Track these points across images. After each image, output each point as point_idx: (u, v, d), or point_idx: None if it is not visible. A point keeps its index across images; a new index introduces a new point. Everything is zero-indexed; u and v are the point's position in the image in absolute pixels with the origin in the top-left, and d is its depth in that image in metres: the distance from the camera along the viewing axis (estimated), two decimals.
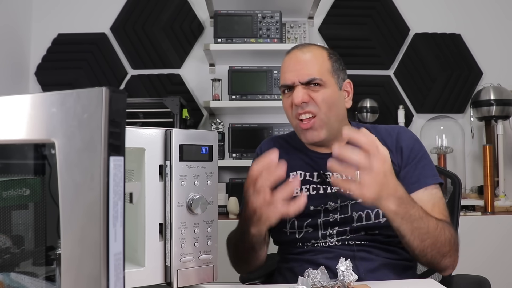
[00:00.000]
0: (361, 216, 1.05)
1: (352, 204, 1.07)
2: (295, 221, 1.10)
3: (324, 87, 1.08)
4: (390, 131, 1.14)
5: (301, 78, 1.07)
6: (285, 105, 1.13)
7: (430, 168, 1.09)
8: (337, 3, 2.61)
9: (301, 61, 1.09)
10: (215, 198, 0.84)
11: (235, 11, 2.25)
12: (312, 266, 0.84)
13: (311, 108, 1.07)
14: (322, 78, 1.07)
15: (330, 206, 1.08)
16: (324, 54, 1.11)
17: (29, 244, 0.58)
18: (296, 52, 1.12)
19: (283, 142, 1.23)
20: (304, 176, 1.13)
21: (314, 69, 1.08)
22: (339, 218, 1.06)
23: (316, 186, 1.11)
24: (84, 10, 2.58)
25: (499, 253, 2.07)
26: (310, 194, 1.11)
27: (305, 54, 1.10)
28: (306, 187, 1.12)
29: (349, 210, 1.06)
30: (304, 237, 1.09)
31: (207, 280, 0.82)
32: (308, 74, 1.07)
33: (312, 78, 1.07)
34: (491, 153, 2.23)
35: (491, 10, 2.64)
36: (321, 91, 1.07)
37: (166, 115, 2.18)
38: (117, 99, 0.41)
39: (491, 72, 2.58)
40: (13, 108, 0.47)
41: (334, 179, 0.89)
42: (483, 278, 1.05)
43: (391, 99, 2.56)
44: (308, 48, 1.12)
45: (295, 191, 1.10)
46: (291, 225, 1.10)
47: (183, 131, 0.81)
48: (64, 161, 0.42)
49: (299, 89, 1.07)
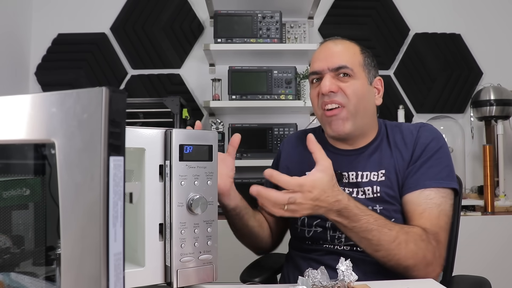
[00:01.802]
0: None
1: None
2: (306, 218, 1.10)
3: (354, 78, 1.06)
4: (412, 129, 1.11)
5: (331, 64, 1.06)
6: (312, 95, 1.11)
7: (438, 170, 1.03)
8: (337, 3, 2.61)
9: (332, 51, 1.09)
10: (215, 198, 0.84)
11: (235, 11, 2.25)
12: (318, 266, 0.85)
13: (339, 98, 1.05)
14: (353, 69, 1.06)
15: None
16: (356, 48, 1.11)
17: (29, 244, 0.58)
18: (328, 43, 1.13)
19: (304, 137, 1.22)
20: None
21: (345, 58, 1.07)
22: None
23: None
24: (84, 10, 2.58)
25: (499, 253, 2.07)
26: None
27: (337, 45, 1.10)
28: None
29: None
30: (313, 237, 1.09)
31: (207, 280, 0.82)
32: (339, 62, 1.05)
33: (343, 65, 1.05)
34: (491, 153, 2.23)
35: (491, 10, 2.64)
36: (350, 82, 1.05)
37: (166, 115, 2.18)
38: (117, 99, 0.41)
39: (491, 72, 2.58)
40: (13, 108, 0.47)
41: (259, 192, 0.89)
42: (484, 278, 1.05)
43: (391, 99, 2.56)
44: (340, 41, 1.12)
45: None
46: (301, 221, 1.12)
47: (183, 131, 0.81)
48: (64, 161, 0.42)
49: (327, 78, 1.05)
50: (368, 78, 1.10)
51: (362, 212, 0.92)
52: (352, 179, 1.09)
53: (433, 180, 1.01)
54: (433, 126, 1.12)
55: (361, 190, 1.07)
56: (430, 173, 1.02)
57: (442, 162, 1.04)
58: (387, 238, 0.92)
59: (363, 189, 1.07)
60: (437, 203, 1.00)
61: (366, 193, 1.07)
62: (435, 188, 1.01)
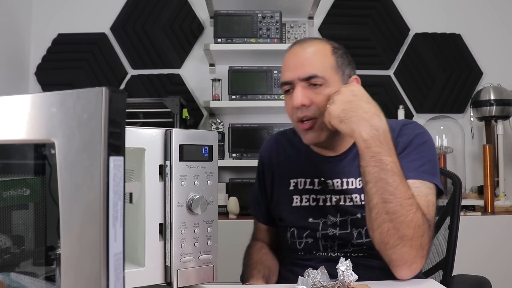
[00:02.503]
0: (361, 234, 1.01)
1: (351, 219, 1.02)
2: (295, 230, 1.08)
3: (327, 86, 0.99)
4: (394, 127, 1.04)
5: (301, 74, 0.99)
6: (287, 106, 1.06)
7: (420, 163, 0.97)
8: (337, 3, 2.61)
9: (301, 57, 1.01)
10: (215, 198, 0.84)
11: (235, 11, 2.25)
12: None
13: (312, 112, 1.00)
14: (324, 76, 0.99)
15: (330, 220, 1.04)
16: (327, 48, 1.03)
17: (29, 244, 0.58)
18: (296, 47, 1.04)
19: (285, 141, 1.20)
20: (304, 184, 1.10)
21: (315, 65, 0.99)
22: (338, 233, 1.03)
23: (316, 197, 1.08)
24: (84, 10, 2.58)
25: (499, 253, 2.07)
26: (310, 205, 1.08)
27: (306, 50, 1.02)
28: (306, 197, 1.09)
29: (348, 226, 1.02)
30: (305, 248, 1.07)
31: (207, 280, 0.82)
32: (309, 71, 0.99)
33: (313, 74, 0.98)
34: (491, 153, 2.23)
35: (491, 10, 2.64)
36: (322, 91, 0.99)
37: (166, 115, 2.18)
38: (117, 99, 0.41)
39: (491, 72, 2.58)
40: (13, 108, 0.47)
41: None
42: (484, 278, 1.05)
43: (391, 99, 2.56)
44: (309, 43, 1.04)
45: (295, 199, 1.09)
46: (291, 234, 1.09)
47: (183, 131, 0.81)
48: (64, 161, 0.42)
49: (298, 89, 0.99)
50: (343, 80, 1.02)
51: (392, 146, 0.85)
52: (337, 187, 1.05)
53: (414, 172, 0.94)
54: (418, 123, 1.07)
55: (348, 197, 1.04)
56: (411, 166, 0.95)
57: (425, 156, 0.98)
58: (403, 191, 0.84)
59: (351, 196, 1.03)
60: (424, 193, 0.93)
61: (353, 200, 1.03)
62: (418, 180, 0.94)
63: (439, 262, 1.17)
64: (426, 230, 0.86)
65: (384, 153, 0.85)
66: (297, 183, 1.11)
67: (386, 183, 0.84)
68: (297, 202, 1.09)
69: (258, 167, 1.23)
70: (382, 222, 0.85)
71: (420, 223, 0.85)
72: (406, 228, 0.83)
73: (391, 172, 0.84)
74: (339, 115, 0.88)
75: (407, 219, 0.83)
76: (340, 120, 0.88)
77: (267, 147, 1.22)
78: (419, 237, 0.85)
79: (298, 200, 1.09)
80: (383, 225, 0.84)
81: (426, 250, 0.87)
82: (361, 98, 0.88)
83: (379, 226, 0.85)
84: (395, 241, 0.84)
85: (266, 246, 1.19)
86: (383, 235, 0.85)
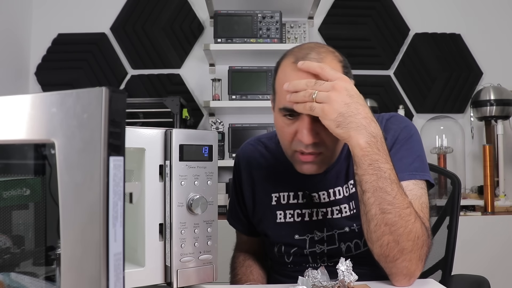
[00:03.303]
0: (350, 247, 0.98)
1: (338, 234, 0.98)
2: (282, 246, 1.03)
3: None
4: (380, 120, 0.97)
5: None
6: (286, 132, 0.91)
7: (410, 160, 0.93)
8: (337, 3, 2.61)
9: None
10: (215, 198, 0.84)
11: (235, 11, 2.25)
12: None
13: (318, 148, 0.89)
14: None
15: (316, 236, 1.00)
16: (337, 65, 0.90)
17: (29, 244, 0.58)
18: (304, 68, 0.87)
19: (263, 149, 1.10)
20: (288, 198, 1.03)
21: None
22: (326, 249, 0.99)
23: (301, 212, 1.01)
24: (84, 10, 2.58)
25: (499, 253, 2.07)
26: (294, 221, 1.02)
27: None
28: (290, 213, 1.02)
29: (336, 241, 0.98)
30: (294, 261, 1.03)
31: (207, 280, 0.82)
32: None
33: None
34: (491, 153, 2.23)
35: (491, 10, 2.64)
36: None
37: (166, 115, 2.19)
38: (117, 99, 0.41)
39: (491, 72, 2.58)
40: (13, 108, 0.47)
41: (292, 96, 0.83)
42: (483, 278, 1.05)
43: (391, 99, 2.56)
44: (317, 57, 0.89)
45: (278, 215, 1.03)
46: (278, 249, 1.04)
47: (183, 131, 0.81)
48: (64, 161, 0.42)
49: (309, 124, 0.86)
50: None
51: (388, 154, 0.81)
52: (324, 199, 1.00)
53: (406, 172, 0.90)
54: (401, 115, 1.03)
55: (336, 209, 0.99)
56: (402, 165, 0.90)
57: (414, 152, 0.94)
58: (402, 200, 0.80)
59: (339, 208, 0.98)
60: (417, 195, 0.90)
61: (342, 211, 0.98)
62: (410, 180, 0.91)
63: (438, 262, 1.17)
64: (425, 241, 0.83)
65: (382, 160, 0.80)
66: (279, 197, 1.04)
67: (384, 192, 0.79)
68: (281, 218, 1.03)
69: (234, 179, 1.14)
70: (382, 234, 0.81)
71: (419, 233, 0.82)
72: (406, 241, 0.80)
73: (389, 180, 0.80)
74: (336, 119, 0.79)
75: (406, 230, 0.80)
76: (337, 124, 0.80)
77: (244, 159, 1.11)
78: (418, 249, 0.82)
79: (282, 216, 1.03)
80: (383, 238, 0.81)
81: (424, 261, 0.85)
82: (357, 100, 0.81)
83: (379, 238, 0.81)
84: (395, 254, 0.81)
85: (250, 257, 1.15)
86: (383, 248, 0.82)
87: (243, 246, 1.19)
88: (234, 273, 1.12)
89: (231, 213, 1.18)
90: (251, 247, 1.18)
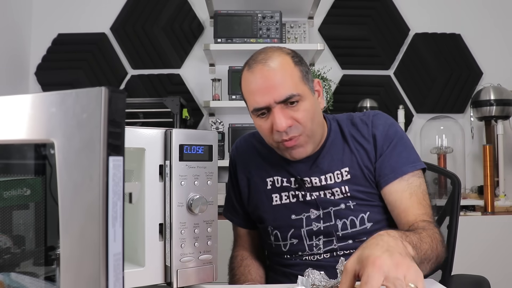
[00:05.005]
0: (346, 224, 1.01)
1: (334, 210, 1.02)
2: (278, 233, 1.07)
3: (302, 101, 0.97)
4: (366, 120, 1.06)
5: (277, 97, 0.94)
6: (263, 129, 1.00)
7: (407, 154, 1.02)
8: (337, 3, 2.61)
9: (271, 78, 0.95)
10: (215, 198, 0.84)
11: (235, 11, 2.25)
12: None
13: (296, 130, 0.97)
14: (299, 92, 0.95)
15: (313, 214, 1.04)
16: (289, 61, 0.98)
17: (30, 244, 0.58)
18: (258, 66, 0.97)
19: (256, 142, 1.16)
20: (282, 182, 1.08)
21: (288, 84, 0.95)
22: (322, 226, 1.03)
23: (295, 193, 1.06)
24: (84, 10, 2.58)
25: (499, 253, 2.07)
26: (290, 202, 1.06)
27: (271, 68, 0.95)
28: (286, 194, 1.07)
29: (332, 218, 1.02)
30: (290, 250, 1.06)
31: (207, 280, 0.82)
32: (284, 92, 0.94)
33: (289, 95, 0.94)
34: (491, 153, 2.23)
35: (491, 10, 2.64)
36: (301, 107, 0.96)
37: (166, 115, 2.18)
38: (116, 99, 0.41)
39: (491, 72, 2.58)
40: (13, 108, 0.47)
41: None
42: (483, 278, 1.05)
43: (391, 99, 2.56)
44: (271, 59, 0.97)
45: (274, 198, 1.08)
46: (274, 236, 1.08)
47: (183, 131, 0.81)
48: (64, 161, 0.42)
49: (279, 113, 0.95)
50: (311, 89, 1.00)
51: (407, 237, 0.78)
52: (315, 183, 1.04)
53: (408, 165, 1.00)
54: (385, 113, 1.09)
55: (328, 192, 1.04)
56: (402, 158, 1.01)
57: (407, 145, 1.04)
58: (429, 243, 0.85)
59: (331, 191, 1.03)
60: (418, 185, 1.00)
61: (335, 194, 1.03)
62: (411, 172, 1.00)
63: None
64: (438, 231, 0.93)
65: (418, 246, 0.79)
66: (274, 181, 1.09)
67: (427, 259, 0.85)
68: (277, 201, 1.07)
69: (230, 172, 1.19)
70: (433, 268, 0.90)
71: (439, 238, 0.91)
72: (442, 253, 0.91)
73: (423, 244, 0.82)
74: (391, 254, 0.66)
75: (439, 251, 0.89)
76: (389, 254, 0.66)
77: (239, 150, 1.18)
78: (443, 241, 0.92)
79: (278, 198, 1.08)
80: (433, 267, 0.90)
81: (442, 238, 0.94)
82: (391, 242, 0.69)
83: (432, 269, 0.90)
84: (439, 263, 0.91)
85: (248, 256, 1.16)
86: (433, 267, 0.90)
87: (240, 241, 1.20)
88: (232, 274, 1.13)
89: (226, 205, 1.22)
90: (248, 241, 1.19)
